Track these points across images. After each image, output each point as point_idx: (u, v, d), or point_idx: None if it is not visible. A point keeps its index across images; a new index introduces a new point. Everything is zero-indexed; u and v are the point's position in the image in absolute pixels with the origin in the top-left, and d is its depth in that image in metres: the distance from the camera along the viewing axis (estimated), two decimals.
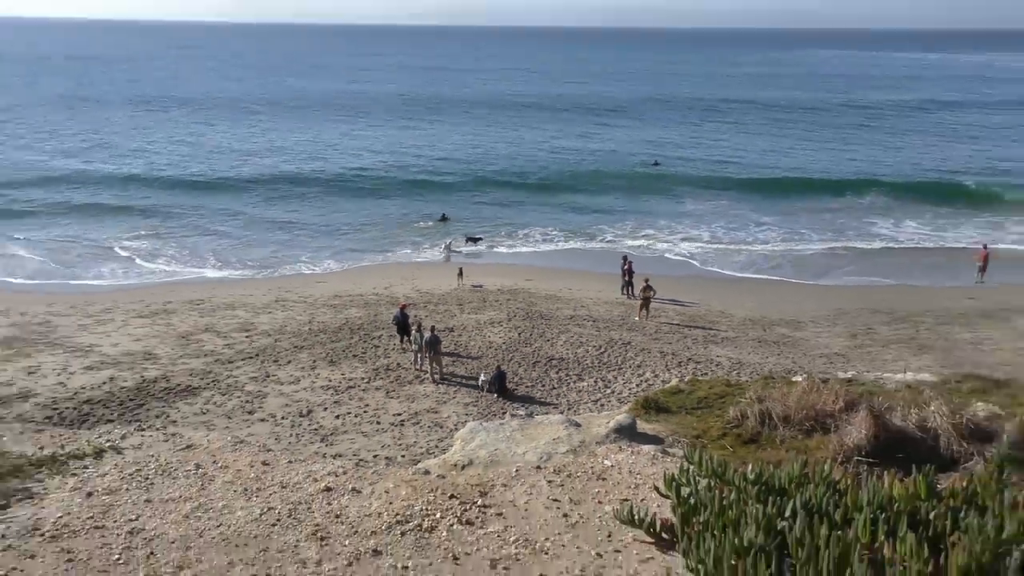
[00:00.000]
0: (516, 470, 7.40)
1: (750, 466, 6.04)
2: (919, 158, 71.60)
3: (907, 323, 31.07)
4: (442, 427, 20.38)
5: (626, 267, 35.21)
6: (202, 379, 23.64)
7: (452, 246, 43.80)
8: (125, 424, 19.95)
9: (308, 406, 21.76)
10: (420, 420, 21.06)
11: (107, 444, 8.10)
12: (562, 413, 16.71)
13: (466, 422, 14.13)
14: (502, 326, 28.77)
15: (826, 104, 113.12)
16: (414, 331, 25.53)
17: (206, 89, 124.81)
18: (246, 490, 7.02)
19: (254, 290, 34.70)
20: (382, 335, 27.64)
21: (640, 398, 15.24)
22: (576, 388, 23.35)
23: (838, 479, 5.78)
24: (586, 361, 25.40)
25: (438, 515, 6.47)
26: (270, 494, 6.92)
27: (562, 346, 26.71)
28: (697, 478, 6.00)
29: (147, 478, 7.32)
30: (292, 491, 6.96)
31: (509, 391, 22.99)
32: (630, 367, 24.86)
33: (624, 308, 32.55)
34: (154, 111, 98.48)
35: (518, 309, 31.08)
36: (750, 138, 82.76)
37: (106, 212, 50.16)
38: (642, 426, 10.34)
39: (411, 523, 6.34)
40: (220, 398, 22.26)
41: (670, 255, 43.51)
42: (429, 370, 24.18)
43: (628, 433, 9.14)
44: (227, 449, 8.20)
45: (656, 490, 6.40)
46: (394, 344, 26.67)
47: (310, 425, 20.60)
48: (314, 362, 25.11)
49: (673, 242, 46.24)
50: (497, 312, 30.64)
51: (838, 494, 5.50)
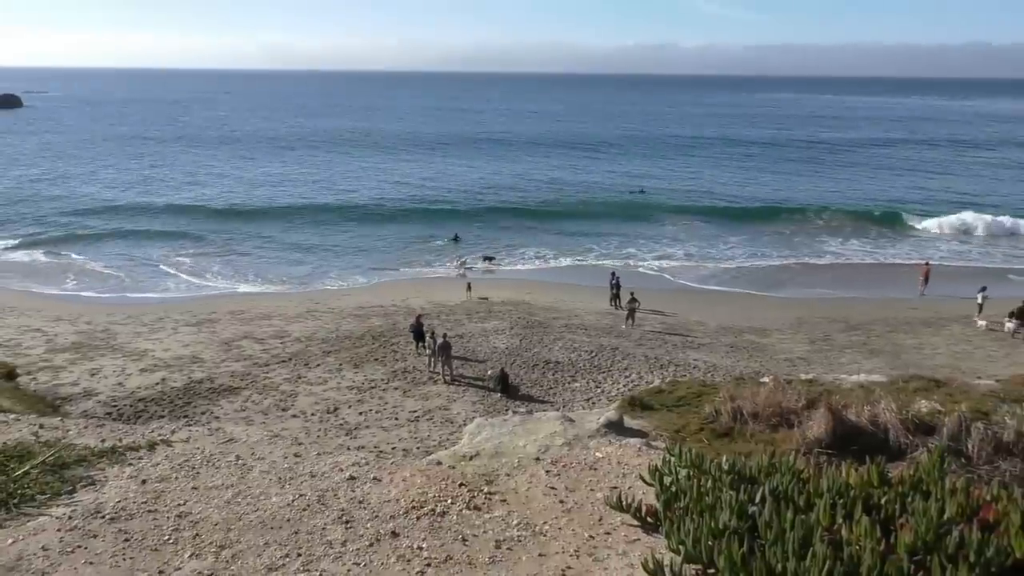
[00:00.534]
0: (518, 461, 7.37)
1: (724, 457, 6.02)
2: (864, 188, 71.77)
3: (860, 331, 31.02)
4: (452, 422, 20.34)
5: (614, 281, 35.19)
6: (242, 380, 23.64)
7: (465, 263, 43.73)
8: (175, 420, 19.94)
9: (335, 404, 21.73)
10: (433, 416, 21.02)
11: (159, 438, 8.07)
12: (558, 410, 16.64)
13: (474, 418, 14.09)
14: (505, 333, 28.74)
15: (785, 141, 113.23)
16: (428, 338, 25.52)
17: (245, 129, 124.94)
18: (280, 479, 6.99)
19: (287, 302, 34.68)
20: (400, 341, 27.62)
21: (627, 397, 15.21)
22: (570, 388, 23.30)
23: (802, 469, 5.75)
24: (579, 364, 25.36)
25: (449, 501, 6.44)
26: (301, 482, 6.90)
27: (558, 351, 26.67)
28: (677, 468, 5.98)
29: (194, 468, 7.30)
30: (320, 480, 6.94)
31: (512, 390, 22.96)
32: (618, 370, 24.81)
33: (612, 318, 32.51)
34: (200, 148, 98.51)
35: (519, 319, 31.05)
36: (720, 170, 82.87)
37: (159, 236, 50.16)
38: (629, 422, 10.30)
39: (425, 508, 6.32)
40: (257, 397, 22.26)
41: (651, 271, 43.45)
42: (441, 372, 24.17)
43: (616, 428, 9.09)
44: (264, 443, 8.17)
45: (642, 479, 6.38)
46: (410, 349, 26.65)
47: (336, 421, 20.57)
48: (340, 365, 25.08)
49: (653, 259, 46.17)
50: (501, 321, 30.60)
51: (802, 482, 5.48)
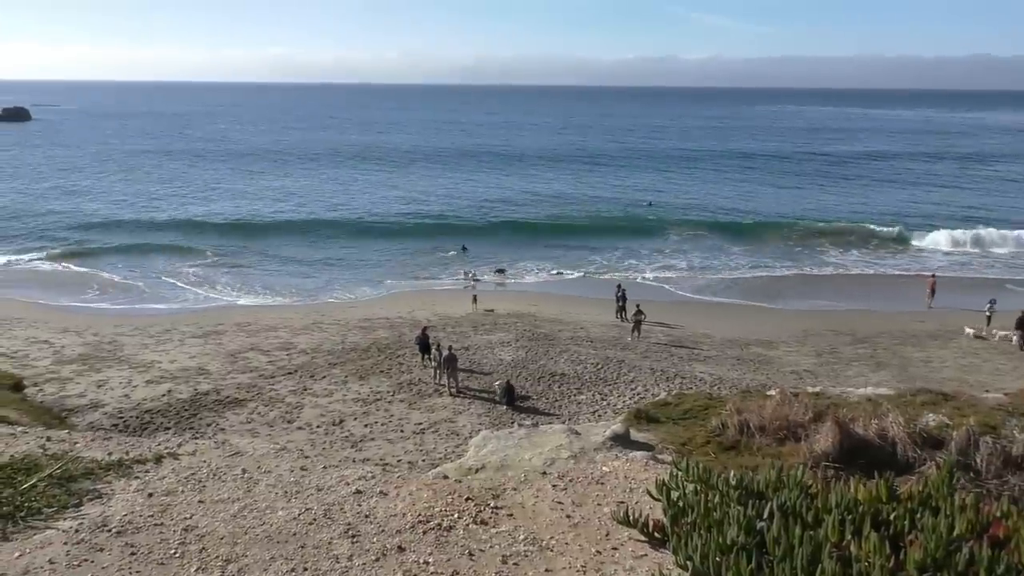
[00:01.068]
0: (525, 475, 7.35)
1: (732, 472, 5.99)
2: (866, 200, 71.72)
3: (867, 344, 30.90)
4: (458, 435, 20.29)
5: (620, 294, 35.14)
6: (248, 392, 23.65)
7: (472, 275, 43.73)
8: (181, 432, 19.95)
9: (340, 416, 21.72)
10: (439, 429, 20.98)
11: (166, 451, 8.08)
12: (564, 423, 16.60)
13: (479, 430, 14.05)
14: (511, 346, 28.70)
15: (788, 153, 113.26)
16: (434, 350, 25.52)
17: (249, 142, 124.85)
18: (286, 492, 6.99)
19: (293, 314, 34.71)
20: (405, 353, 27.59)
21: (633, 409, 15.12)
22: (576, 400, 23.24)
23: (810, 484, 5.72)
24: (585, 377, 25.30)
25: (455, 515, 6.42)
26: (307, 496, 6.89)
27: (564, 363, 26.62)
28: (685, 483, 5.95)
29: (200, 481, 7.30)
30: (327, 494, 6.93)
31: (517, 403, 22.91)
32: (624, 382, 24.74)
33: (618, 330, 32.45)
34: (205, 162, 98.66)
35: (525, 331, 31.01)
36: (723, 183, 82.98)
37: (166, 249, 50.23)
38: (635, 435, 10.26)
39: (432, 522, 6.30)
40: (263, 408, 22.26)
41: (655, 283, 43.40)
42: (447, 384, 24.14)
43: (622, 441, 9.06)
44: (270, 456, 8.17)
45: (649, 494, 6.35)
46: (416, 361, 26.63)
47: (342, 433, 20.55)
48: (346, 377, 25.08)
49: (658, 271, 46.13)
50: (506, 333, 30.57)
51: (810, 497, 5.45)
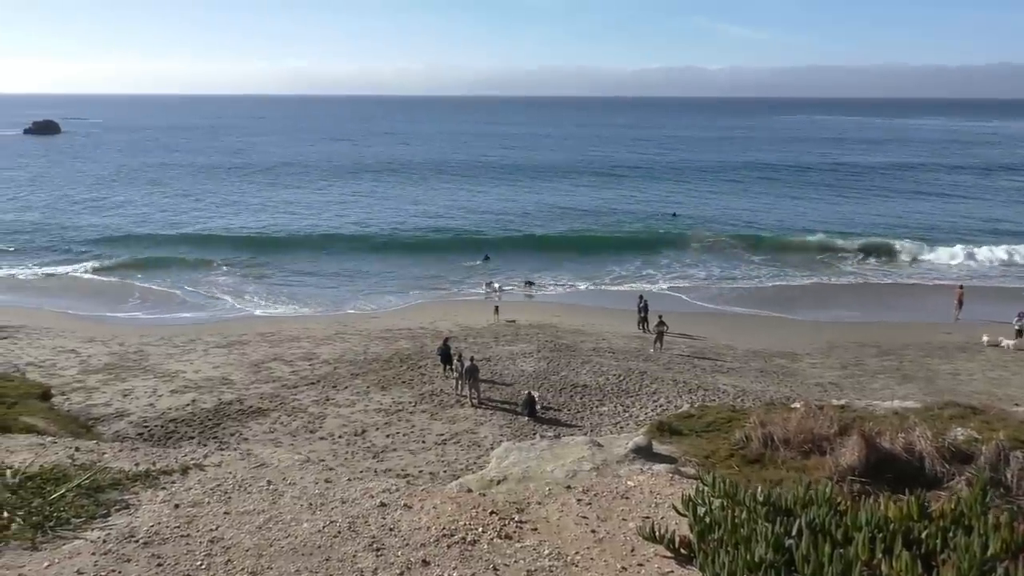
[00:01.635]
0: (549, 489, 7.31)
1: (759, 488, 5.91)
2: (890, 211, 71.01)
3: (892, 356, 30.49)
4: (479, 446, 20.25)
5: (642, 304, 34.99)
6: (271, 402, 23.78)
7: (493, 285, 43.72)
8: (205, 441, 20.09)
9: (362, 426, 21.76)
10: (460, 440, 20.95)
11: (192, 462, 8.13)
12: (586, 434, 16.51)
13: (501, 442, 14.03)
14: (532, 357, 28.65)
15: (811, 164, 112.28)
16: (455, 361, 25.54)
17: (275, 156, 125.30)
18: (311, 505, 7.00)
19: (316, 325, 34.90)
20: (427, 364, 27.63)
21: (655, 421, 15.03)
22: (598, 412, 23.13)
23: (839, 500, 5.63)
24: (607, 388, 25.18)
25: (480, 529, 6.39)
26: (332, 508, 6.90)
27: (585, 375, 26.52)
28: (711, 499, 5.89)
29: (226, 492, 7.33)
30: (351, 506, 6.93)
31: (539, 414, 22.84)
32: (646, 394, 24.60)
33: (640, 341, 32.29)
34: (231, 175, 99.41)
35: (546, 342, 30.94)
36: (745, 195, 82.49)
37: (191, 261, 50.61)
38: (657, 447, 10.18)
39: (456, 536, 6.27)
40: (286, 418, 22.36)
41: (677, 294, 43.14)
42: (468, 395, 24.12)
43: (645, 453, 9.00)
44: (295, 467, 8.20)
45: (675, 509, 6.29)
46: (438, 372, 26.66)
47: (364, 443, 20.58)
48: (368, 387, 25.14)
49: (679, 282, 45.89)
50: (528, 344, 30.52)
51: (839, 514, 5.36)
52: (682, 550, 5.71)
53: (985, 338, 32.22)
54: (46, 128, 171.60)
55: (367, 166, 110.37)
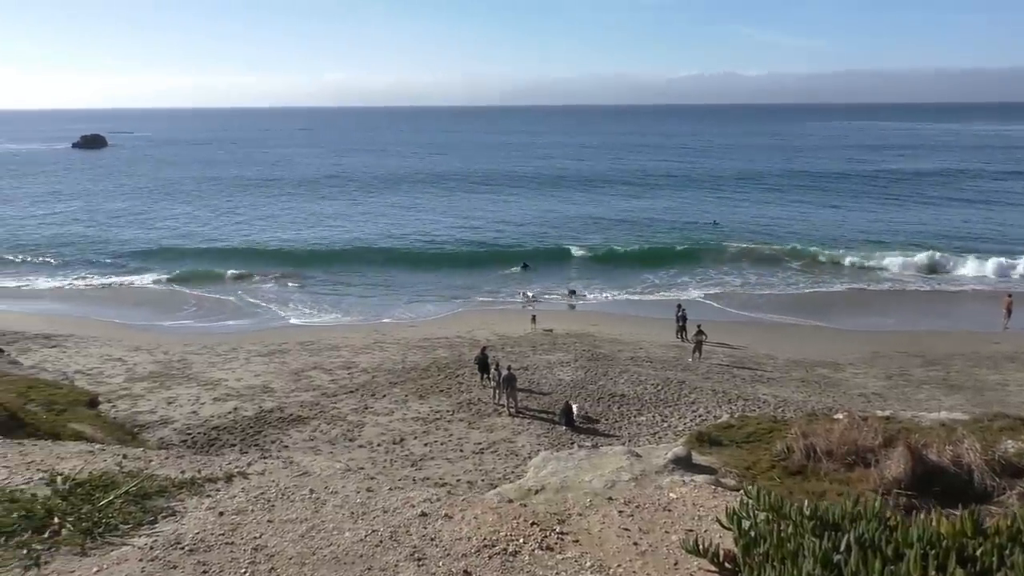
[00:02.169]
0: (590, 500, 7.24)
1: (805, 502, 5.78)
2: (932, 218, 69.61)
3: (939, 366, 29.75)
4: (517, 455, 20.21)
5: (680, 314, 34.68)
6: (311, 410, 24.02)
7: (528, 295, 43.70)
8: (246, 448, 20.35)
9: (400, 435, 21.86)
10: (498, 449, 20.93)
11: (236, 470, 8.21)
12: (624, 444, 16.36)
13: (539, 451, 13.94)
14: (570, 366, 28.54)
15: (849, 172, 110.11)
16: (493, 370, 25.54)
17: (316, 168, 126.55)
18: (353, 514, 7.02)
19: (355, 334, 35.20)
20: (465, 373, 27.69)
21: (694, 432, 14.83)
22: (636, 422, 22.94)
23: (889, 516, 5.47)
24: (645, 398, 24.98)
25: (521, 540, 6.34)
26: (374, 518, 6.90)
27: (623, 384, 26.33)
28: (756, 512, 5.77)
29: (269, 500, 7.38)
30: (392, 516, 6.93)
31: (577, 423, 22.73)
32: (684, 403, 24.35)
33: (679, 350, 31.99)
34: (274, 188, 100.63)
35: (584, 351, 30.81)
36: (782, 203, 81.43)
37: (233, 272, 51.43)
38: (697, 458, 10.03)
39: (497, 547, 6.23)
40: (326, 427, 22.57)
41: (714, 303, 42.69)
42: (506, 404, 24.11)
43: (684, 464, 8.87)
44: (336, 476, 8.24)
45: (718, 522, 6.18)
46: (475, 381, 26.70)
47: (402, 452, 20.67)
48: (406, 396, 25.27)
49: (716, 290, 45.49)
50: (565, 353, 30.42)
51: (889, 530, 5.20)
52: (727, 564, 5.59)
53: None
54: (93, 142, 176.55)
55: (404, 177, 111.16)
